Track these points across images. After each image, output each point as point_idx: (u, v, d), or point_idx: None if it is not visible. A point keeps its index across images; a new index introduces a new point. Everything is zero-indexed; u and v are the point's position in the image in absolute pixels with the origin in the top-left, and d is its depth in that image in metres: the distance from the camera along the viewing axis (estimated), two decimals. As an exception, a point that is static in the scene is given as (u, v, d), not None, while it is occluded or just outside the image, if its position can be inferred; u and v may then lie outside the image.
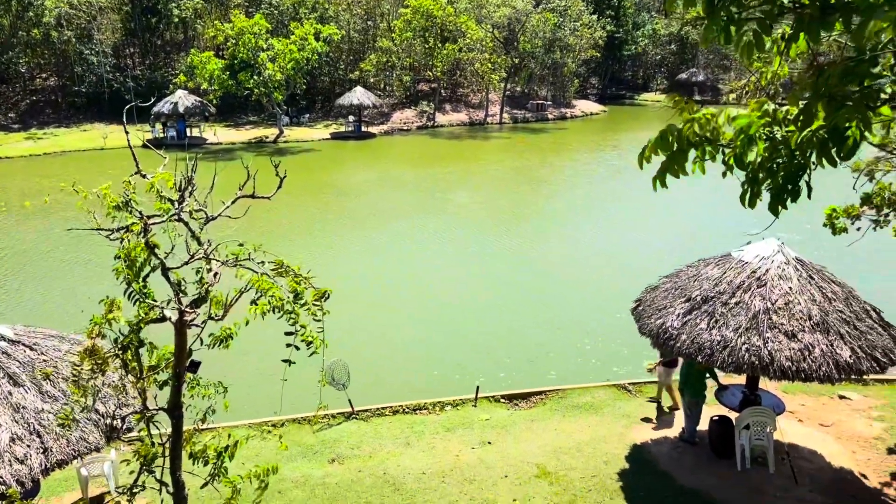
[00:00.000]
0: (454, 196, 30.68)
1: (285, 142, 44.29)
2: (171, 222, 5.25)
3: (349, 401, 11.74)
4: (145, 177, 5.14)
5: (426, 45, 51.94)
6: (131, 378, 5.37)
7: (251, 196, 5.67)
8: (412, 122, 52.48)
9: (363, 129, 48.23)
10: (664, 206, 26.62)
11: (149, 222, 5.11)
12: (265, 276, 5.23)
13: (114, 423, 7.34)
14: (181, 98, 41.20)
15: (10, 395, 7.20)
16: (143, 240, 5.05)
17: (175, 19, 50.85)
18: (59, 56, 48.19)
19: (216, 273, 5.40)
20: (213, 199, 5.51)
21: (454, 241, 23.91)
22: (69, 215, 21.81)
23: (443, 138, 48.16)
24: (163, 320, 5.27)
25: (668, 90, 73.55)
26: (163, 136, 41.16)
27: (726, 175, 3.48)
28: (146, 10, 50.58)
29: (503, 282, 19.69)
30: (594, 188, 32.66)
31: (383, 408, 11.93)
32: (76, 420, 7.02)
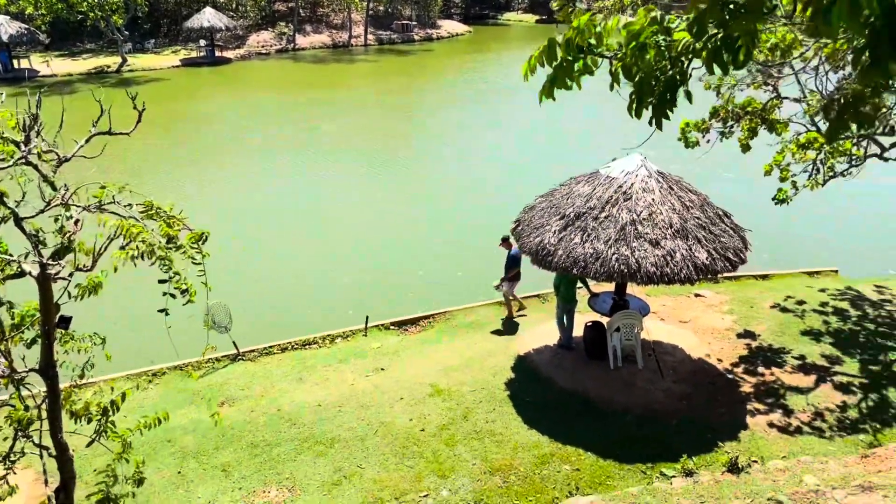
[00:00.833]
0: (323, 124, 29.69)
1: (130, 71, 40.52)
2: (19, 166, 4.69)
3: (234, 343, 11.43)
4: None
5: (280, -39, 48.68)
6: (-9, 341, 4.89)
7: (108, 133, 5.16)
8: (271, 46, 49.64)
9: (217, 54, 45.06)
10: (539, 126, 27.33)
11: (-9, 168, 4.53)
12: (133, 220, 4.84)
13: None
14: (3, 25, 36.27)
15: None
16: (-14, 188, 4.48)
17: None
18: None
19: (77, 220, 4.93)
20: (64, 137, 4.96)
21: (327, 173, 23.33)
22: None
23: (306, 62, 46.03)
24: (22, 275, 4.77)
25: (529, 9, 74.21)
26: (-18, 68, 36.32)
27: (613, 87, 3.52)
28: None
29: (381, 212, 19.61)
30: (465, 112, 32.79)
31: (271, 346, 11.74)
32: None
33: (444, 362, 11.05)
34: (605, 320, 10.97)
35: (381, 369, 10.95)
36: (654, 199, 9.79)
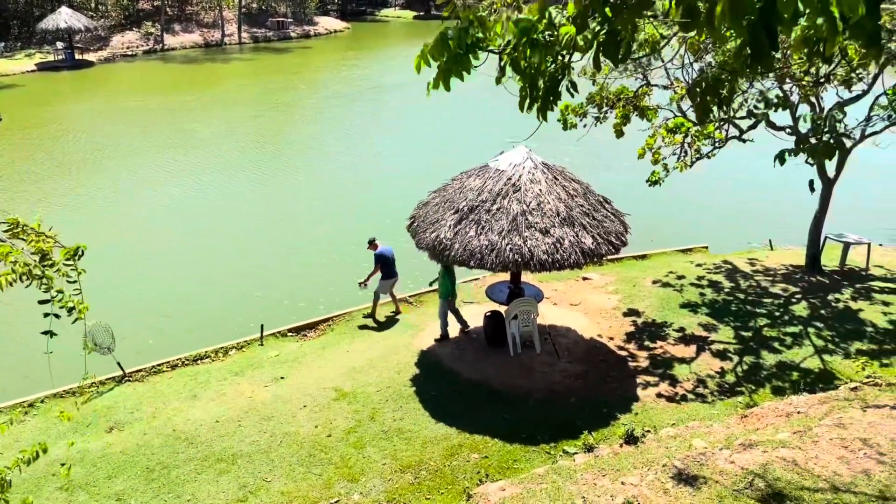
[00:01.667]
0: (195, 127, 28.36)
1: (-24, 76, 36.83)
2: None
3: (118, 364, 10.72)
4: None
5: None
6: None
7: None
8: (137, 47, 46.76)
9: (77, 57, 41.87)
10: (424, 121, 27.47)
11: None
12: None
13: None
14: None
15: None
16: None
17: None
18: None
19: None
20: None
21: (205, 179, 22.29)
22: None
23: (176, 63, 43.74)
24: None
25: (406, 6, 74.44)
26: None
27: (500, 81, 3.59)
28: None
29: (267, 216, 19.03)
30: (349, 110, 32.41)
31: (159, 364, 11.10)
32: None
33: (346, 365, 10.91)
34: (503, 309, 11.25)
35: (282, 378, 10.65)
36: (541, 190, 10.14)
